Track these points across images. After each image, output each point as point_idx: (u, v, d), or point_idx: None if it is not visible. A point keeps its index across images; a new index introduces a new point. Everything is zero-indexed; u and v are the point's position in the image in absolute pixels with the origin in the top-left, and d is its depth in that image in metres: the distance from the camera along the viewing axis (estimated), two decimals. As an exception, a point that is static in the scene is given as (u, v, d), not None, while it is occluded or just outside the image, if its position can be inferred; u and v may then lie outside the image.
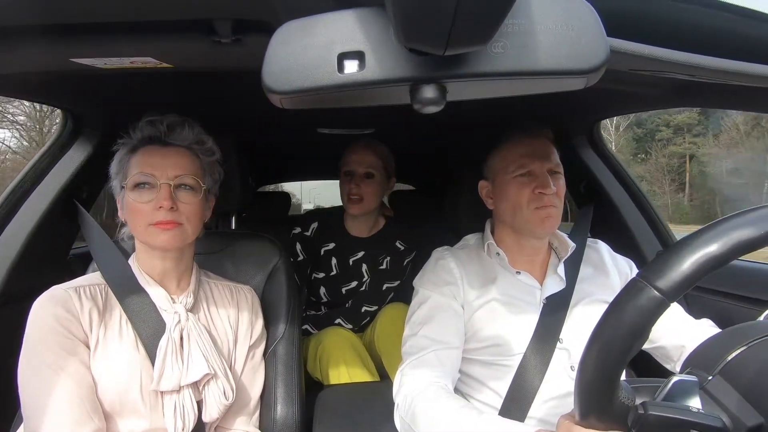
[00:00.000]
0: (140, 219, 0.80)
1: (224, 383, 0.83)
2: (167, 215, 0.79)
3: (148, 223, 0.79)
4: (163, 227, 0.79)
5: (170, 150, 0.83)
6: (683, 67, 0.52)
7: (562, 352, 0.87)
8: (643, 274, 0.42)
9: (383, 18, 0.39)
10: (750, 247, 0.40)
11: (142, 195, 0.80)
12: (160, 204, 0.78)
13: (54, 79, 0.87)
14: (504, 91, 0.48)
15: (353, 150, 1.49)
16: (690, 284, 0.40)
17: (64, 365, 0.73)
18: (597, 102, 1.16)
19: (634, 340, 0.42)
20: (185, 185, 0.82)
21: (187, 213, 0.81)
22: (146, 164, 0.81)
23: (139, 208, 0.80)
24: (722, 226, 0.41)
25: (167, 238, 0.80)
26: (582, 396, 0.46)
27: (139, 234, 0.82)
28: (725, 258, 0.40)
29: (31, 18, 0.56)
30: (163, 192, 0.79)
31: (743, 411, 0.43)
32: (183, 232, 0.81)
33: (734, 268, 1.07)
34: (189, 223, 0.82)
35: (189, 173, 0.83)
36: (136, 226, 0.81)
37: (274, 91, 0.40)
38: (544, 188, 0.86)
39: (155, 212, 0.79)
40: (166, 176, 0.80)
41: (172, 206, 0.79)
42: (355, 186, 1.45)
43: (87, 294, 0.80)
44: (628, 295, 0.42)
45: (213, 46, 0.62)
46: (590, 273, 0.96)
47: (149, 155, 0.82)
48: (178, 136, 0.85)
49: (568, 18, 0.39)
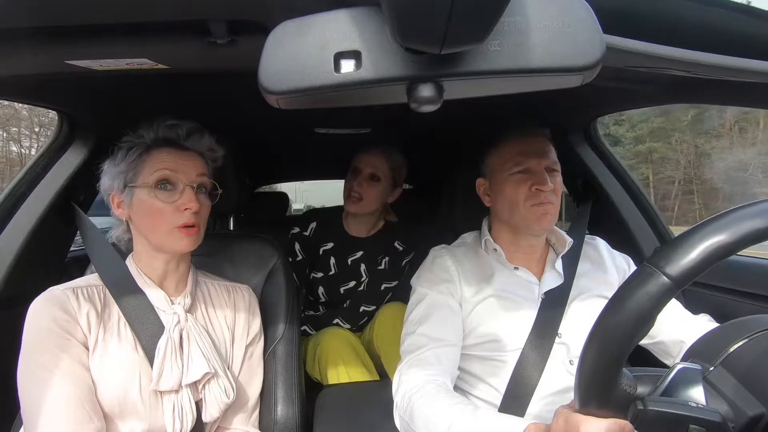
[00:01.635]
0: (162, 220, 0.80)
1: (224, 382, 0.83)
2: (191, 218, 0.80)
3: (174, 226, 0.79)
4: (187, 232, 0.80)
5: (187, 154, 0.84)
6: (680, 64, 0.52)
7: (560, 346, 0.87)
8: (653, 260, 0.42)
9: (379, 17, 0.39)
10: (761, 237, 0.40)
11: (164, 195, 0.80)
12: (187, 206, 0.79)
13: (49, 82, 0.87)
14: (500, 89, 0.48)
15: (368, 150, 1.49)
16: (699, 271, 0.40)
17: (63, 366, 0.73)
18: (594, 99, 1.16)
19: (640, 325, 0.41)
20: (203, 188, 0.84)
21: (204, 216, 0.84)
22: (169, 164, 0.81)
23: (162, 208, 0.79)
24: (733, 215, 0.41)
25: (188, 243, 0.81)
26: (583, 382, 0.46)
27: (158, 236, 0.81)
28: (735, 246, 0.40)
29: (25, 20, 0.55)
30: (188, 194, 0.80)
31: (745, 400, 0.44)
32: (199, 235, 0.83)
33: (732, 263, 1.07)
34: (203, 225, 0.84)
35: (206, 177, 0.85)
36: (155, 228, 0.81)
37: (270, 92, 0.40)
38: (542, 185, 0.87)
39: (179, 214, 0.79)
40: (188, 178, 0.81)
41: (198, 209, 0.80)
42: (357, 184, 1.45)
43: (85, 295, 0.79)
44: (637, 280, 0.42)
45: (208, 47, 0.62)
46: (588, 268, 0.96)
47: (169, 156, 0.82)
48: (195, 141, 0.86)
49: (564, 15, 0.39)
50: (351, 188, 1.46)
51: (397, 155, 1.50)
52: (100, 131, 1.13)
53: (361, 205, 1.46)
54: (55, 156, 1.10)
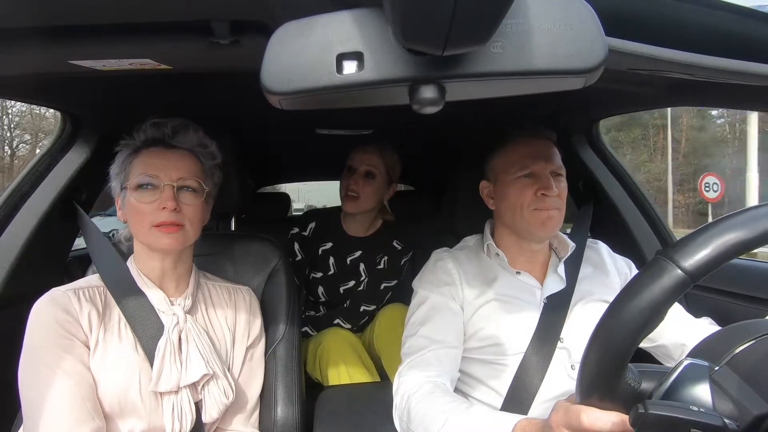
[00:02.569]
0: (143, 220, 0.80)
1: (224, 383, 0.83)
2: (170, 216, 0.79)
3: (151, 224, 0.80)
4: (165, 230, 0.80)
5: (174, 152, 0.84)
6: (682, 66, 0.52)
7: (562, 351, 0.87)
8: (667, 253, 0.41)
9: (382, 18, 0.39)
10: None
11: (144, 195, 0.80)
12: (164, 205, 0.79)
13: (52, 81, 0.87)
14: (503, 90, 0.48)
15: (362, 148, 1.49)
16: (715, 266, 0.39)
17: (65, 365, 0.73)
18: (596, 101, 1.16)
19: (651, 317, 0.41)
20: (188, 187, 0.83)
21: (190, 215, 0.82)
22: (150, 165, 0.81)
23: (142, 208, 0.80)
24: (751, 213, 0.41)
25: (170, 242, 0.80)
26: (587, 374, 0.45)
27: (142, 235, 0.82)
28: (754, 243, 0.39)
29: (29, 20, 0.56)
30: (167, 193, 0.80)
31: (750, 400, 0.43)
32: (184, 235, 0.82)
33: (734, 266, 1.07)
34: (191, 225, 0.83)
35: (192, 176, 0.83)
36: (138, 228, 0.81)
37: (272, 92, 0.40)
38: (547, 190, 0.86)
39: (158, 213, 0.79)
40: (169, 178, 0.81)
41: (175, 207, 0.79)
42: (354, 183, 1.45)
43: (86, 296, 0.80)
44: (650, 272, 0.41)
45: (211, 47, 0.62)
46: (590, 272, 0.96)
47: (153, 157, 0.82)
48: (182, 138, 0.86)
49: (566, 17, 0.39)
50: (347, 186, 1.47)
51: (391, 151, 1.50)
52: (103, 131, 1.14)
53: (359, 203, 1.46)
54: (57, 156, 1.11)
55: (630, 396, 0.45)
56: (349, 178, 1.47)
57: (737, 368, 0.46)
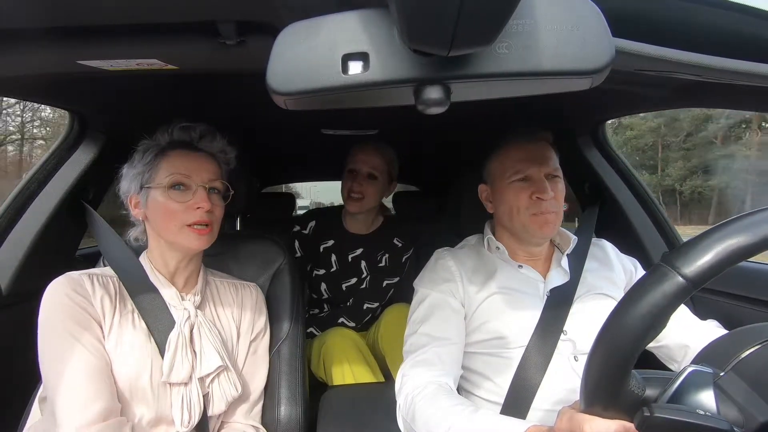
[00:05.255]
0: (173, 219, 0.82)
1: (233, 376, 0.85)
2: (204, 216, 0.83)
3: (183, 224, 0.82)
4: (198, 231, 0.83)
5: (201, 155, 0.87)
6: (689, 68, 0.52)
7: (565, 343, 0.86)
8: (668, 259, 0.41)
9: (387, 19, 0.39)
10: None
11: (177, 195, 0.83)
12: (199, 205, 0.82)
13: (61, 81, 0.88)
14: (508, 91, 0.47)
15: (361, 149, 1.50)
16: (716, 272, 0.39)
17: (83, 339, 0.75)
18: (602, 102, 1.15)
19: (653, 324, 0.41)
20: (215, 189, 0.87)
21: (217, 215, 0.86)
22: (182, 166, 0.84)
23: (174, 208, 0.82)
24: (752, 218, 0.40)
25: (201, 242, 0.84)
26: (591, 382, 0.45)
27: (171, 234, 0.83)
28: (755, 248, 0.39)
29: (38, 21, 0.56)
30: (201, 194, 0.83)
31: (756, 406, 0.43)
32: (212, 235, 0.86)
33: (741, 269, 1.06)
34: (217, 225, 0.87)
35: (218, 178, 0.87)
36: (166, 226, 0.83)
37: (278, 93, 0.40)
38: (542, 194, 0.87)
39: (191, 212, 0.82)
40: (201, 179, 0.84)
41: (210, 208, 0.83)
42: (357, 184, 1.46)
43: (100, 281, 0.82)
44: (651, 279, 0.41)
45: (218, 47, 0.63)
46: (595, 267, 0.96)
47: (183, 158, 0.85)
48: (209, 143, 0.89)
49: (573, 18, 0.39)
50: (351, 189, 1.47)
51: (389, 150, 1.51)
52: (110, 130, 1.14)
53: (363, 203, 1.48)
54: (65, 155, 1.12)
55: (634, 403, 0.44)
56: (352, 180, 1.47)
57: (743, 374, 0.45)
